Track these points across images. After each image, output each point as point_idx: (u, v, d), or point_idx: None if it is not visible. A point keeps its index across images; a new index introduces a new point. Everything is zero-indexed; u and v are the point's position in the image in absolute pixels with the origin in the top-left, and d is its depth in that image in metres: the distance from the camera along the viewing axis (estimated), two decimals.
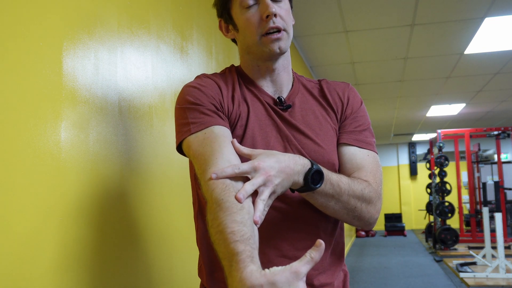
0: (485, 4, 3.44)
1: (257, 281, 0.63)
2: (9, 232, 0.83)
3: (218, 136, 0.89)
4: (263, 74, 1.02)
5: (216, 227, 0.75)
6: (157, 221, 1.43)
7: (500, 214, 5.13)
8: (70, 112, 1.02)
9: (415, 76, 5.59)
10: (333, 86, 1.07)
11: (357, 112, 1.04)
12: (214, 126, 0.90)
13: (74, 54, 1.04)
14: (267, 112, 0.99)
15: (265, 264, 0.70)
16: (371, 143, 1.02)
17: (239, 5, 0.96)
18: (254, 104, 1.00)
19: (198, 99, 0.93)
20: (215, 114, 0.93)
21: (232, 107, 0.97)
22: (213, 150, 0.86)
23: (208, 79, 0.99)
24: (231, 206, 0.75)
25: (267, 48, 0.96)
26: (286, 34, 0.97)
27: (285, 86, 1.04)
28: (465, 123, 9.25)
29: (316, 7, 3.42)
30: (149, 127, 1.42)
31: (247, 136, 0.96)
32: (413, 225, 12.65)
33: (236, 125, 0.96)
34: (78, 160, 1.04)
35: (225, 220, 0.74)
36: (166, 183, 1.51)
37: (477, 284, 4.76)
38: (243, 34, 0.99)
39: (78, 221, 1.03)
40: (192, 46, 1.82)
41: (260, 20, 0.94)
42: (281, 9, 0.96)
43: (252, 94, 1.01)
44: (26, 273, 0.86)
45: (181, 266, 1.58)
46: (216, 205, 0.77)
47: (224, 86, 0.99)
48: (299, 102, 1.03)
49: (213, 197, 0.78)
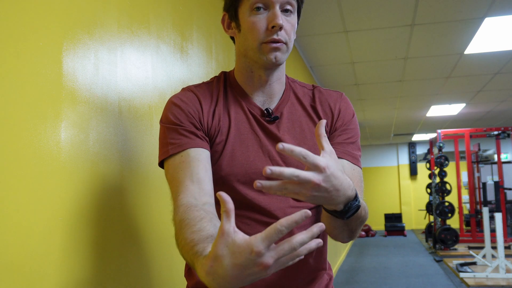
0: (485, 4, 3.44)
1: (218, 250, 0.62)
2: (9, 232, 0.83)
3: (192, 159, 0.91)
4: (255, 82, 1.01)
5: (181, 245, 0.77)
6: (157, 221, 1.43)
7: (500, 214, 5.13)
8: (70, 112, 1.02)
9: (415, 76, 5.59)
10: (325, 96, 1.05)
11: (348, 124, 1.03)
12: (190, 149, 0.92)
13: (74, 54, 1.04)
14: (251, 126, 0.99)
15: None
16: (357, 157, 1.01)
17: (249, 6, 0.94)
18: (238, 116, 0.99)
19: (178, 118, 0.95)
20: (193, 135, 0.94)
21: (212, 123, 0.97)
22: (185, 175, 0.89)
23: (191, 94, 0.99)
24: (190, 222, 0.78)
25: (264, 56, 0.95)
26: (285, 47, 0.96)
27: (276, 96, 1.03)
28: (465, 123, 9.25)
29: (316, 7, 3.42)
30: (149, 127, 1.42)
31: (226, 152, 0.96)
32: (413, 225, 12.65)
33: (215, 140, 0.97)
34: (78, 160, 1.04)
35: (185, 235, 0.76)
36: (166, 183, 1.51)
37: (477, 284, 4.76)
38: (244, 36, 0.97)
39: (78, 221, 1.03)
40: (192, 46, 1.82)
41: (266, 28, 0.93)
42: (288, 23, 0.95)
43: (238, 105, 1.01)
44: (26, 273, 0.86)
45: (181, 265, 1.58)
46: (178, 227, 0.80)
47: (206, 100, 0.99)
48: (287, 113, 1.02)
49: (176, 221, 0.82)
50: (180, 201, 0.86)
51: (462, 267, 5.52)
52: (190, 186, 0.87)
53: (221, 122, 0.98)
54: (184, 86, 1.70)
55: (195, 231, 0.75)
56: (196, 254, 0.70)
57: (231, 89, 1.03)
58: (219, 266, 0.62)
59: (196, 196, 0.87)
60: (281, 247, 0.61)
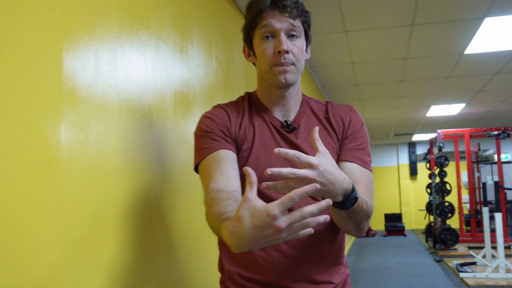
0: (485, 4, 3.44)
1: (240, 213, 0.74)
2: (9, 232, 0.83)
3: (221, 158, 1.05)
4: (274, 99, 1.15)
5: (210, 218, 0.90)
6: (157, 221, 1.43)
7: (500, 214, 5.13)
8: (70, 112, 1.02)
9: (415, 76, 5.59)
10: (337, 109, 1.18)
11: (357, 133, 1.15)
12: (220, 150, 1.06)
13: (74, 54, 1.04)
14: (272, 135, 1.13)
15: (269, 263, 1.02)
16: (367, 162, 1.12)
17: (259, 36, 1.09)
18: (261, 128, 1.13)
19: (210, 127, 1.10)
20: (222, 139, 1.08)
21: (238, 132, 1.11)
22: (215, 169, 1.02)
23: (221, 109, 1.15)
24: (219, 200, 0.91)
25: (276, 77, 1.08)
26: (294, 68, 1.08)
27: (293, 110, 1.16)
28: (465, 123, 9.24)
29: (316, 7, 3.42)
30: (149, 127, 1.42)
31: (252, 158, 1.10)
32: (413, 225, 12.64)
33: (241, 147, 1.11)
34: (78, 160, 1.04)
35: (214, 209, 0.89)
36: (166, 183, 1.51)
37: (477, 284, 4.76)
38: (259, 62, 1.12)
39: (78, 221, 1.03)
40: (192, 46, 1.82)
41: (273, 53, 1.06)
42: (294, 46, 1.07)
43: (261, 119, 1.15)
44: (26, 273, 0.87)
45: (182, 264, 1.58)
46: (209, 205, 0.93)
47: (233, 114, 1.14)
48: (304, 124, 1.15)
49: (207, 201, 0.95)
50: (211, 186, 0.99)
51: (462, 267, 5.52)
52: (219, 177, 1.00)
53: (246, 132, 1.12)
54: (184, 86, 1.72)
55: (222, 206, 0.89)
56: (222, 220, 0.83)
57: (255, 106, 1.18)
58: (240, 226, 0.73)
59: (225, 184, 0.99)
60: (293, 214, 0.71)
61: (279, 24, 1.06)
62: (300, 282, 1.07)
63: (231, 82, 2.30)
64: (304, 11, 1.10)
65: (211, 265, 1.75)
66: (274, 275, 1.06)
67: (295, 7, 1.07)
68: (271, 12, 1.06)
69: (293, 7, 1.06)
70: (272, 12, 1.06)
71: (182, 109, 1.68)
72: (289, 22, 1.06)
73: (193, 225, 1.70)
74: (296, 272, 1.07)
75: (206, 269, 1.77)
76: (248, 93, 1.22)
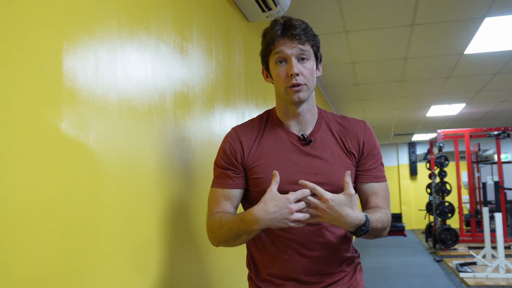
0: (485, 4, 3.44)
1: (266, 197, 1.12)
2: (9, 232, 0.83)
3: (224, 196, 1.29)
4: (291, 115, 1.30)
5: (222, 229, 1.21)
6: (157, 221, 1.43)
7: (500, 214, 5.13)
8: (70, 112, 1.02)
9: (415, 76, 5.59)
10: (352, 125, 1.32)
11: (372, 150, 1.31)
12: (225, 190, 1.29)
13: (74, 54, 1.04)
14: (288, 147, 1.27)
15: (290, 261, 1.26)
16: (383, 175, 1.33)
17: (273, 61, 1.25)
18: (278, 141, 1.29)
19: (222, 164, 1.30)
20: (229, 179, 1.29)
21: (249, 153, 1.29)
22: (216, 203, 1.30)
23: (235, 136, 1.32)
24: (222, 215, 1.25)
25: (290, 97, 1.24)
26: (306, 87, 1.23)
27: (309, 125, 1.31)
28: (465, 123, 9.24)
29: (316, 7, 3.42)
30: (149, 127, 1.42)
31: (266, 167, 1.26)
32: (413, 225, 12.64)
33: (255, 162, 1.28)
34: (78, 160, 1.04)
35: (222, 220, 1.23)
36: (167, 183, 1.51)
37: (477, 284, 4.76)
38: (275, 83, 1.27)
39: (78, 221, 1.03)
40: (192, 46, 1.82)
41: (286, 76, 1.22)
42: (304, 68, 1.22)
43: (278, 133, 1.30)
44: (26, 273, 0.86)
45: (183, 264, 1.58)
46: (218, 223, 1.23)
47: (247, 136, 1.31)
48: (319, 138, 1.29)
49: (211, 222, 1.27)
50: (212, 212, 1.29)
51: (462, 267, 5.52)
52: (217, 208, 1.30)
53: (263, 148, 1.29)
54: (184, 86, 1.72)
55: (227, 215, 1.23)
56: (241, 214, 1.17)
57: (273, 122, 1.33)
58: (265, 206, 1.10)
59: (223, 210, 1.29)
60: (297, 191, 1.10)
61: (290, 50, 1.21)
62: (317, 275, 1.26)
63: (231, 82, 2.30)
64: (313, 35, 1.24)
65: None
66: (293, 271, 1.26)
67: (304, 34, 1.21)
68: (282, 40, 1.21)
69: (302, 34, 1.20)
70: (283, 40, 1.21)
71: (182, 109, 1.68)
72: (298, 48, 1.20)
73: (197, 225, 1.70)
74: (313, 268, 1.26)
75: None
76: (268, 111, 1.38)
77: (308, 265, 1.26)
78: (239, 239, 1.19)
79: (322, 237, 1.26)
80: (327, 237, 1.27)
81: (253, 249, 1.34)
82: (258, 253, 1.32)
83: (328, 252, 1.27)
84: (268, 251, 1.29)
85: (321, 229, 1.26)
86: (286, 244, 1.26)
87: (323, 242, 1.27)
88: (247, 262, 1.38)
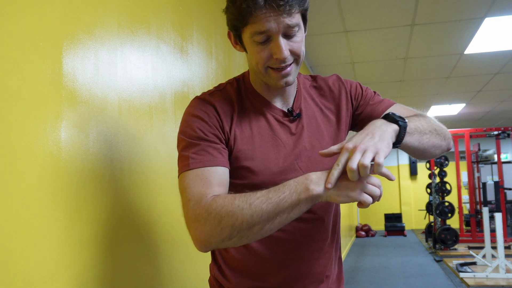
0: (485, 4, 3.44)
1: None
2: (9, 232, 0.83)
3: (213, 177, 0.91)
4: (272, 90, 1.03)
5: (233, 212, 0.84)
6: (157, 221, 1.43)
7: (500, 214, 5.13)
8: (70, 112, 1.02)
9: (415, 76, 5.60)
10: (328, 84, 1.11)
11: (360, 93, 1.10)
12: (212, 169, 0.92)
13: (74, 54, 1.04)
14: (276, 127, 1.02)
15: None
16: (385, 100, 1.10)
17: (249, 37, 0.91)
18: (261, 120, 1.02)
19: (201, 135, 0.94)
20: (217, 152, 0.93)
21: (230, 131, 0.98)
22: (206, 184, 0.90)
23: (210, 107, 0.98)
24: (235, 195, 0.87)
25: (272, 81, 0.96)
26: (295, 66, 0.95)
27: (292, 96, 1.06)
28: (465, 123, 9.25)
29: (316, 7, 3.42)
30: (149, 127, 1.42)
31: (257, 154, 0.98)
32: (413, 225, 12.64)
33: (236, 144, 0.98)
34: (78, 160, 1.04)
35: (249, 198, 0.85)
36: (167, 183, 1.51)
37: (477, 284, 4.76)
38: (251, 59, 0.97)
39: (78, 221, 1.03)
40: (192, 46, 1.82)
41: (270, 57, 0.92)
42: (294, 43, 0.92)
43: (260, 110, 1.02)
44: (26, 274, 0.86)
45: (182, 264, 1.58)
46: (230, 204, 0.86)
47: (223, 109, 0.99)
48: (304, 109, 1.06)
49: (217, 204, 0.87)
50: (204, 195, 0.89)
51: (462, 267, 5.52)
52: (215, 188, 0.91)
53: (242, 128, 0.99)
54: (184, 86, 1.71)
55: (239, 194, 0.85)
56: (290, 181, 0.85)
57: (248, 94, 1.04)
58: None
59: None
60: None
61: (275, 25, 0.88)
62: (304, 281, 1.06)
63: None
64: (302, 1, 0.91)
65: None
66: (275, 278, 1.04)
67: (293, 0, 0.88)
68: (265, 10, 0.86)
69: (290, 2, 0.87)
70: (266, 10, 0.86)
71: (182, 109, 1.68)
72: (286, 23, 0.88)
73: None
74: (303, 273, 1.06)
75: None
76: (237, 79, 1.06)
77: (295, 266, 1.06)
78: (272, 221, 0.83)
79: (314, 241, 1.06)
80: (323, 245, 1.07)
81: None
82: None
83: (314, 254, 1.06)
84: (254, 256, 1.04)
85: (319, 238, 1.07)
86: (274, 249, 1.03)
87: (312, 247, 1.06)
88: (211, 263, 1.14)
